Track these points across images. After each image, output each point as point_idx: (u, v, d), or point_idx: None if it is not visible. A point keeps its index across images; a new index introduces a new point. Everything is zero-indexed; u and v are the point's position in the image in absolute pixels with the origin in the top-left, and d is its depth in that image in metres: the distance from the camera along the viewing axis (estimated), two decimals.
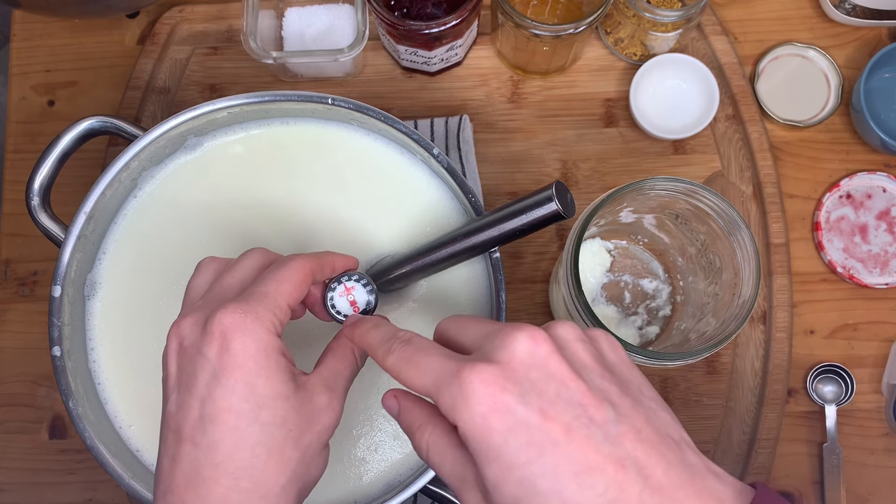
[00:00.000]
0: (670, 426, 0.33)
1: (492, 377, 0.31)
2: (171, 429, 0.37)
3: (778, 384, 0.64)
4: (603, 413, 0.31)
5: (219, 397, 0.36)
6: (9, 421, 0.66)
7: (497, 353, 0.32)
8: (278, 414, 0.37)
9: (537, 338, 0.33)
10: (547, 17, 0.67)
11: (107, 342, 0.55)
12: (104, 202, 0.54)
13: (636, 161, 0.68)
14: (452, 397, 0.32)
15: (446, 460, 0.34)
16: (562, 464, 0.30)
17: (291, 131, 0.57)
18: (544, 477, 0.30)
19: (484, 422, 0.31)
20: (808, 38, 0.70)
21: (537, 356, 0.32)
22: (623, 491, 0.30)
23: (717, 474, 0.32)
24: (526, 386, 0.31)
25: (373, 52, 0.69)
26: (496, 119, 0.69)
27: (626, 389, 0.33)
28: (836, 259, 0.66)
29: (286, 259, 0.41)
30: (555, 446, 0.31)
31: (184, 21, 0.70)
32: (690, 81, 0.67)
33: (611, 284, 0.65)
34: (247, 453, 0.36)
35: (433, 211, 0.56)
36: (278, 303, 0.38)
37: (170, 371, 0.38)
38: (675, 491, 0.31)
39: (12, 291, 0.68)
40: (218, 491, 0.36)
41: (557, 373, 0.32)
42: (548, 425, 0.31)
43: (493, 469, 0.31)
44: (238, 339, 0.36)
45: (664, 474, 0.31)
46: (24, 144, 0.70)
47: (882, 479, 0.65)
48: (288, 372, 0.38)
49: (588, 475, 0.30)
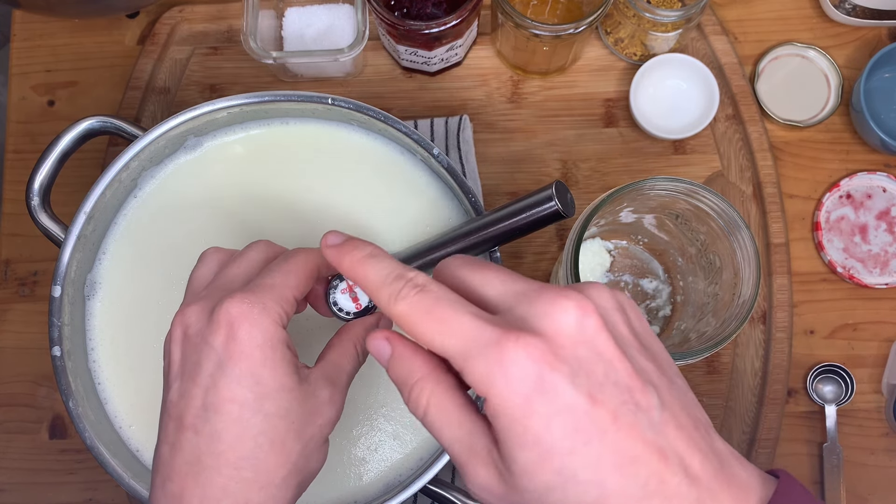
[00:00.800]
0: (697, 408, 0.31)
1: (539, 353, 0.28)
2: (173, 417, 0.37)
3: (778, 384, 0.64)
4: (648, 398, 0.29)
5: (223, 387, 0.36)
6: (9, 421, 0.66)
7: (541, 323, 0.29)
8: (282, 406, 0.36)
9: (586, 309, 0.29)
10: (547, 16, 0.67)
11: (107, 342, 0.55)
12: (104, 202, 0.54)
13: (636, 161, 0.68)
14: (488, 367, 0.28)
15: (451, 425, 0.31)
16: (606, 453, 0.28)
17: (291, 131, 0.57)
18: (587, 467, 0.28)
19: (526, 403, 0.28)
20: (809, 38, 0.70)
21: (586, 331, 0.29)
22: (663, 482, 0.28)
23: (739, 460, 0.31)
24: (574, 366, 0.28)
25: (373, 52, 0.69)
26: (496, 119, 0.69)
27: (662, 367, 0.31)
28: (836, 259, 0.66)
29: (293, 252, 0.41)
30: (602, 435, 0.28)
31: (184, 21, 0.70)
32: (690, 81, 0.67)
33: (611, 284, 0.65)
34: (249, 443, 0.36)
35: (433, 211, 0.56)
36: (285, 295, 0.38)
37: (173, 359, 0.38)
38: (710, 481, 0.29)
39: (12, 291, 0.68)
40: (219, 480, 0.35)
41: (606, 352, 0.29)
42: (596, 412, 0.28)
43: (528, 454, 0.28)
44: (245, 329, 0.36)
45: (700, 465, 0.29)
46: (24, 144, 0.70)
47: (882, 479, 0.65)
48: (292, 364, 0.38)
49: (632, 465, 0.28)
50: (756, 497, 0.30)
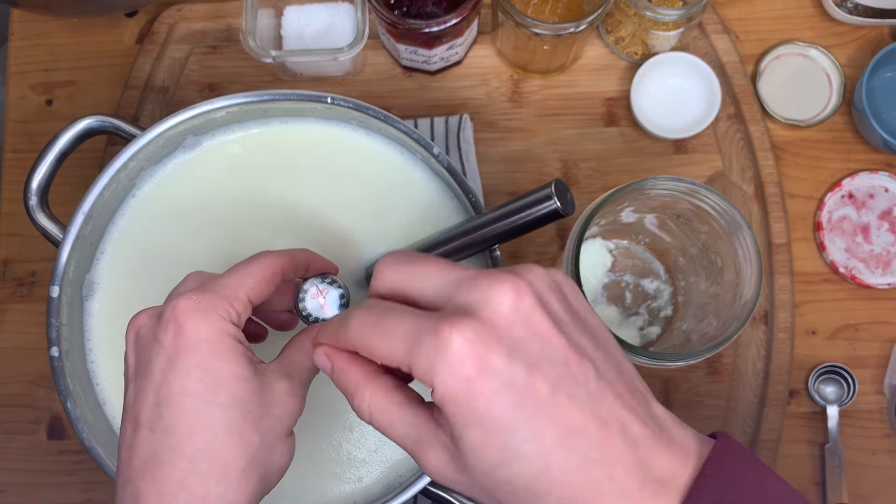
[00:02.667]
0: (634, 376, 0.33)
1: (476, 335, 0.29)
2: (129, 418, 0.37)
3: (779, 385, 0.64)
4: (584, 370, 0.30)
5: (173, 381, 0.36)
6: (7, 422, 0.66)
7: (477, 307, 0.30)
8: (236, 395, 0.36)
9: (521, 290, 0.30)
10: (547, 15, 0.66)
11: (105, 343, 0.55)
12: (102, 202, 0.53)
13: (637, 160, 0.68)
14: (430, 359, 0.29)
15: (395, 422, 0.33)
16: (547, 427, 0.29)
17: (290, 131, 0.57)
18: (529, 441, 0.29)
19: (468, 385, 0.29)
20: (810, 37, 0.70)
21: (521, 310, 0.30)
22: (604, 450, 0.30)
23: (678, 424, 0.33)
24: (511, 345, 0.29)
25: (372, 51, 0.69)
26: (496, 118, 0.68)
27: (598, 341, 0.32)
28: (838, 259, 0.66)
29: (257, 254, 0.41)
30: (541, 409, 0.29)
31: (182, 20, 0.70)
32: (692, 80, 0.67)
33: (612, 284, 0.65)
34: (203, 435, 0.35)
35: (433, 210, 0.56)
36: (237, 294, 0.38)
37: (128, 362, 0.38)
38: (650, 444, 0.31)
39: (10, 292, 0.67)
40: (175, 475, 0.35)
41: (541, 329, 0.30)
42: (535, 387, 0.29)
43: (474, 433, 0.30)
44: (191, 324, 0.36)
45: (640, 429, 0.31)
46: (22, 144, 0.70)
47: (884, 479, 0.65)
48: (244, 356, 0.37)
49: (573, 436, 0.30)
50: (695, 456, 0.32)
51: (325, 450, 0.54)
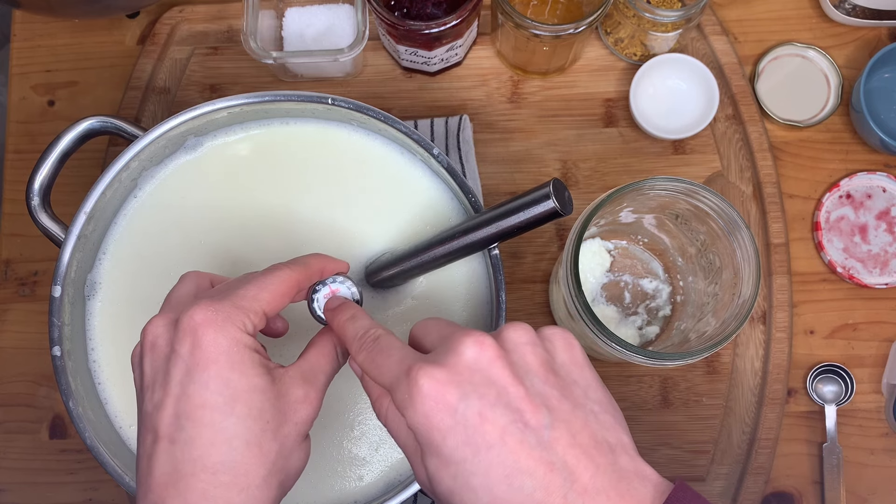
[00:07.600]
0: (610, 430, 0.35)
1: (438, 380, 0.34)
2: (149, 429, 0.37)
3: (778, 384, 0.64)
4: (538, 418, 0.33)
5: (193, 393, 0.36)
6: (9, 421, 0.66)
7: (446, 357, 0.35)
8: (254, 406, 0.37)
9: (483, 343, 0.35)
10: (547, 17, 0.67)
11: (107, 342, 0.55)
12: (104, 202, 0.54)
13: (636, 161, 0.68)
14: (401, 395, 0.35)
15: (401, 433, 0.37)
16: (494, 464, 0.33)
17: (291, 131, 0.57)
18: (476, 475, 0.33)
19: (427, 420, 0.34)
20: (808, 38, 0.70)
21: (481, 361, 0.34)
22: (549, 493, 0.32)
23: (644, 477, 0.34)
24: (468, 389, 0.34)
25: (373, 52, 0.69)
26: (496, 119, 0.69)
27: (569, 393, 0.35)
28: (836, 259, 0.66)
29: (274, 267, 0.42)
30: (489, 448, 0.33)
31: (184, 21, 0.70)
32: (690, 81, 0.67)
33: (611, 284, 0.65)
34: (224, 447, 0.36)
35: (433, 210, 0.56)
36: (253, 307, 0.39)
37: (144, 370, 0.39)
38: (598, 494, 0.33)
39: (12, 291, 0.68)
40: (198, 486, 0.36)
41: (499, 378, 0.34)
42: (484, 428, 0.33)
43: (433, 461, 0.34)
44: (209, 335, 0.37)
45: (591, 478, 0.33)
46: (25, 144, 0.70)
47: (882, 479, 0.65)
48: (261, 366, 0.38)
49: (518, 476, 0.33)
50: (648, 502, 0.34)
51: (325, 448, 0.54)
